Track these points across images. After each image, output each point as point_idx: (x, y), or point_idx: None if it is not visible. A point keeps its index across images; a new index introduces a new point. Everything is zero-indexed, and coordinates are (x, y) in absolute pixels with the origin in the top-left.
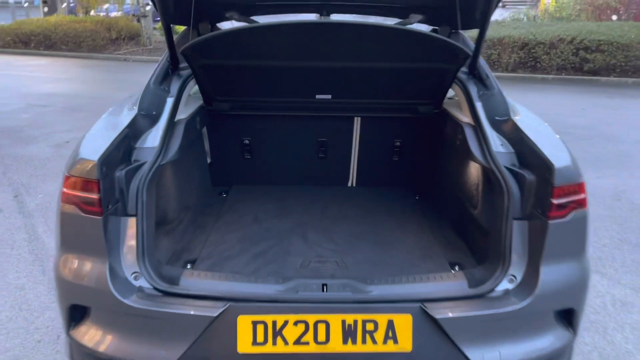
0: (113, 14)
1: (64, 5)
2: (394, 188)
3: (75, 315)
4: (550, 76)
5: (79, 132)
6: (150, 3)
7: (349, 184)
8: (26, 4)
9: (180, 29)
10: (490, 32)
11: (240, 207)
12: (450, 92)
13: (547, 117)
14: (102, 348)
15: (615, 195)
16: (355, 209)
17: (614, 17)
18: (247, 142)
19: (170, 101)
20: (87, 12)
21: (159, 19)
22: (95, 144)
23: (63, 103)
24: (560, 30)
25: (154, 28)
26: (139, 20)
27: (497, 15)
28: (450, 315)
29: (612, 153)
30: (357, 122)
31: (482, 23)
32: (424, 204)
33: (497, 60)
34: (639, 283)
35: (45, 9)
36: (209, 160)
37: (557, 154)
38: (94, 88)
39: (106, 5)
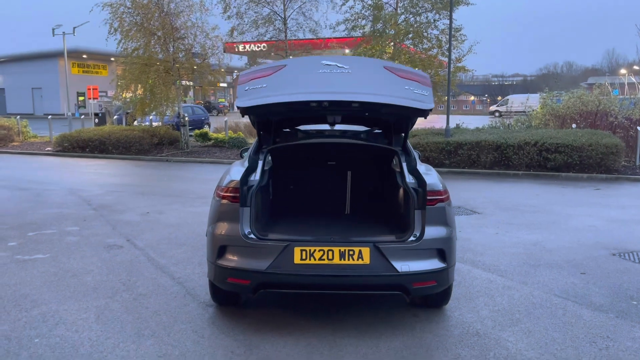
0: (155, 124)
1: (115, 117)
2: (369, 210)
3: (220, 251)
4: (520, 172)
5: (151, 207)
6: (254, 127)
7: (346, 212)
8: (82, 117)
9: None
10: (470, 137)
11: (290, 220)
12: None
13: (509, 199)
14: (232, 264)
15: (533, 243)
16: (349, 222)
17: (574, 126)
18: (291, 187)
19: (260, 163)
20: (134, 120)
21: (192, 127)
22: (234, 175)
23: (131, 190)
24: (527, 135)
25: (190, 135)
26: (178, 128)
27: (479, 122)
28: (386, 246)
29: (544, 221)
30: (349, 175)
31: (406, 131)
32: (383, 211)
33: (476, 160)
34: (523, 280)
35: (96, 120)
36: (270, 197)
37: (430, 178)
38: (148, 180)
39: (150, 116)
